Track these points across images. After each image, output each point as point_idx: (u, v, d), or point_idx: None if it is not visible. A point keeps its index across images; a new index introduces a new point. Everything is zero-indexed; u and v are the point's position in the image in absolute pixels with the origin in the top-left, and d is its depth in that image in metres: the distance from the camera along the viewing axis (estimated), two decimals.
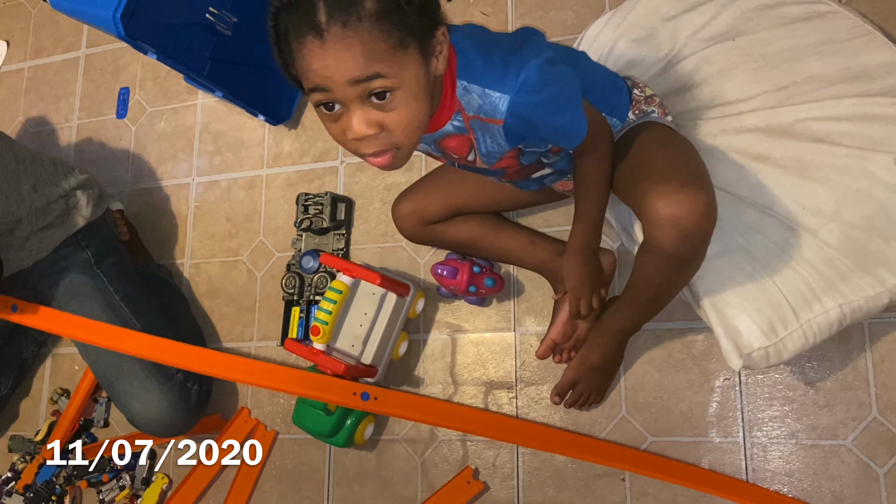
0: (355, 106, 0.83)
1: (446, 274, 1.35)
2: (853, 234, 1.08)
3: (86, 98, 1.94)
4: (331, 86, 0.82)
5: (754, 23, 1.25)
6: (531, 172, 1.16)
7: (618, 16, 1.36)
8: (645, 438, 1.30)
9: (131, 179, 1.82)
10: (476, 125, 0.97)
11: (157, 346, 1.39)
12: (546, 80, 0.91)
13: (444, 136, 1.00)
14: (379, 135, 0.85)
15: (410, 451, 1.43)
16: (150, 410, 1.43)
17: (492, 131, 0.96)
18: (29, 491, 1.58)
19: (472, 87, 0.92)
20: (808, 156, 1.12)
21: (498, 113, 0.92)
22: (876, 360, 1.21)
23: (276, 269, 1.62)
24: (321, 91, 0.84)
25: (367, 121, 0.84)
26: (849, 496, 1.18)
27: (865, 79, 1.15)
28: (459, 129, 0.98)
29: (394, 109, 0.84)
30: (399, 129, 0.85)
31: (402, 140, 0.87)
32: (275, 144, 1.71)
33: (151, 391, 1.43)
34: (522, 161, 1.09)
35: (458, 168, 1.18)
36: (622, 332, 1.24)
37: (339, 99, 0.83)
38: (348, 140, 0.87)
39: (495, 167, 1.08)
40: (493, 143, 0.99)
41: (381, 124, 0.84)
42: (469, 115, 0.95)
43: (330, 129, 0.89)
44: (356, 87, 0.82)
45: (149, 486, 1.57)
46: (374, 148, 0.87)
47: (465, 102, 0.94)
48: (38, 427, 1.70)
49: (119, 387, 1.45)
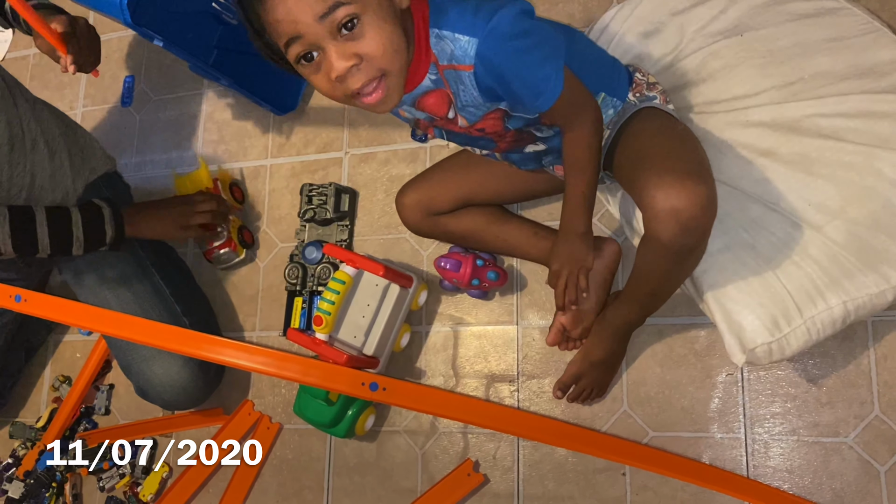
0: (329, 44, 0.86)
1: (449, 267, 1.34)
2: (858, 231, 1.08)
3: (91, 86, 1.94)
4: (300, 29, 0.85)
5: (762, 18, 1.24)
6: (523, 144, 1.15)
7: (625, 9, 1.36)
8: (646, 433, 1.29)
9: (135, 167, 1.82)
10: (451, 76, 0.97)
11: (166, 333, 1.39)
12: (518, 30, 0.91)
13: (423, 92, 1.00)
14: (360, 65, 0.87)
15: (411, 443, 1.43)
16: (171, 375, 1.43)
17: (465, 81, 0.96)
18: (30, 477, 1.58)
19: (443, 32, 0.93)
20: (814, 152, 1.12)
21: (467, 58, 0.93)
22: (879, 357, 1.20)
23: (279, 259, 1.62)
24: (295, 40, 0.86)
25: (344, 53, 0.86)
26: (849, 494, 1.18)
27: (873, 75, 1.15)
28: (436, 83, 0.98)
29: (364, 35, 0.86)
30: (377, 52, 0.87)
31: (384, 64, 0.88)
32: (279, 134, 1.70)
33: (175, 356, 1.42)
34: (508, 125, 1.07)
35: (448, 140, 1.17)
36: (625, 326, 1.23)
37: (312, 41, 0.86)
38: (335, 84, 0.89)
39: (479, 127, 1.06)
40: (467, 95, 0.99)
41: (357, 54, 0.87)
42: (443, 64, 0.95)
43: (317, 82, 0.91)
44: (323, 23, 0.84)
45: (149, 474, 1.58)
46: (361, 80, 0.88)
47: (438, 52, 0.95)
48: (40, 414, 1.70)
49: (142, 351, 1.43)
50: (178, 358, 1.42)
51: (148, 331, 1.41)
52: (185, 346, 1.40)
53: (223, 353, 1.39)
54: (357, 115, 1.64)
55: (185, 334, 1.41)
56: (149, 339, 1.41)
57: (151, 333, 1.41)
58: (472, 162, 1.30)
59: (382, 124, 1.61)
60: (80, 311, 1.43)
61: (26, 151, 1.35)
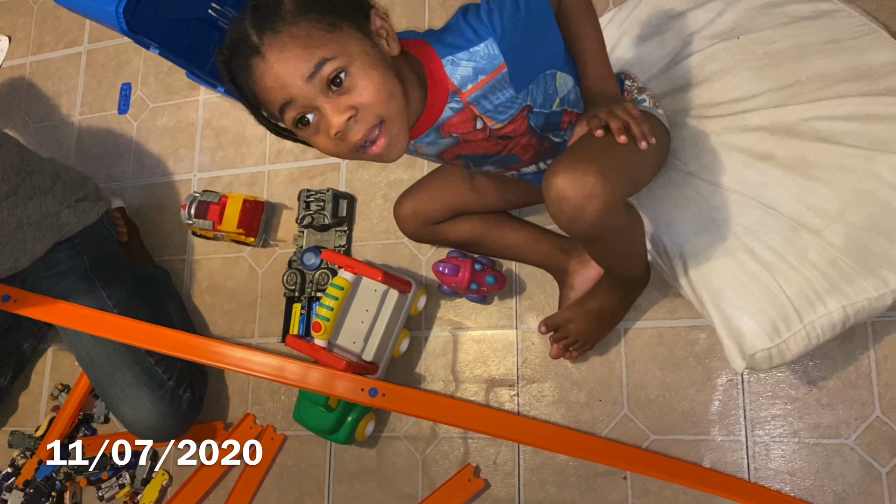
0: (323, 102, 0.87)
1: (448, 272, 1.34)
2: (857, 234, 1.07)
3: (87, 93, 1.93)
4: (291, 93, 0.87)
5: (759, 21, 1.24)
6: (541, 154, 1.14)
7: (622, 12, 1.36)
8: (647, 436, 1.29)
9: (133, 175, 1.82)
10: (477, 98, 0.97)
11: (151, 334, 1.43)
12: (501, 2, 0.93)
13: (445, 121, 1.00)
14: (357, 116, 0.88)
15: (411, 449, 1.43)
16: (141, 417, 1.45)
17: (498, 84, 0.96)
18: (29, 486, 1.58)
19: (457, 58, 0.94)
20: (812, 155, 1.12)
21: (496, 59, 0.93)
22: (879, 358, 1.20)
23: (277, 265, 1.62)
24: (288, 105, 0.88)
25: (338, 108, 0.87)
26: (851, 495, 1.18)
27: (870, 78, 1.14)
28: (457, 109, 0.99)
29: (356, 86, 0.87)
30: (370, 100, 0.87)
31: (380, 110, 0.88)
32: (276, 140, 1.70)
33: (142, 398, 1.44)
34: (531, 123, 1.05)
35: (474, 167, 1.16)
36: (621, 284, 1.21)
37: (305, 102, 0.87)
38: (336, 142, 0.89)
39: (506, 131, 1.05)
40: (499, 96, 0.98)
41: (352, 105, 0.87)
42: (467, 91, 0.96)
43: (319, 143, 0.91)
44: (313, 83, 0.86)
45: (148, 484, 1.57)
46: (361, 132, 0.89)
47: (459, 79, 0.95)
48: (39, 423, 1.70)
49: (111, 393, 1.46)
50: (145, 399, 1.44)
51: (145, 335, 1.42)
52: (183, 350, 1.41)
53: (223, 356, 1.41)
54: None
55: (185, 339, 1.43)
56: (147, 342, 1.42)
57: (149, 337, 1.42)
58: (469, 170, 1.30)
59: None
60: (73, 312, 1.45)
61: (10, 245, 1.39)
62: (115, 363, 1.45)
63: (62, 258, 1.49)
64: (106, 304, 1.48)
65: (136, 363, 1.45)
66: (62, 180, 1.49)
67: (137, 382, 1.44)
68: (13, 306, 1.48)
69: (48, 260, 1.48)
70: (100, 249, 1.54)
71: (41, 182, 1.44)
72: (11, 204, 1.36)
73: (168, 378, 1.46)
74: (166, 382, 1.46)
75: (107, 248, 1.57)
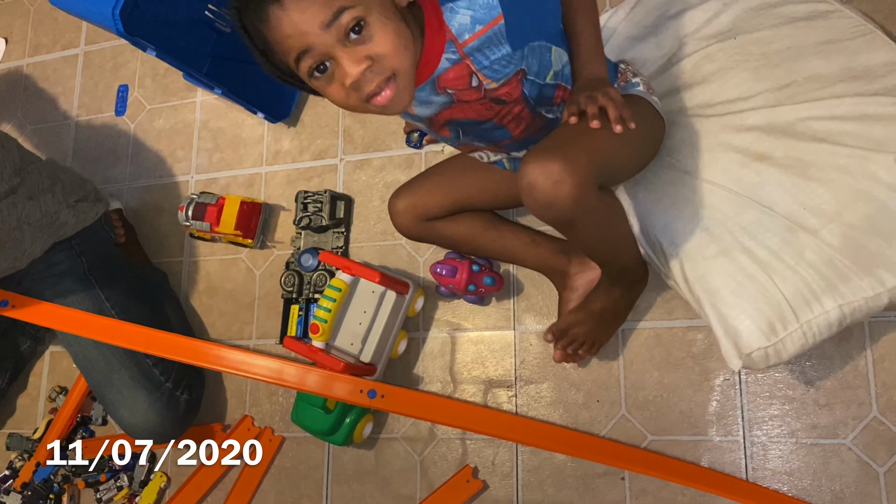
0: (340, 51, 0.87)
1: (445, 273, 1.34)
2: (854, 234, 1.07)
3: (84, 95, 1.93)
4: (309, 41, 0.86)
5: (756, 21, 1.24)
6: (535, 131, 1.13)
7: (619, 12, 1.36)
8: (645, 437, 1.29)
9: (130, 177, 1.82)
10: (473, 49, 0.97)
11: (150, 338, 1.43)
12: None
13: (442, 73, 1.00)
14: (373, 67, 0.88)
15: (409, 450, 1.43)
16: (138, 419, 1.44)
17: (495, 38, 0.96)
18: (27, 489, 1.57)
19: (456, 5, 0.94)
20: (809, 155, 1.12)
21: (494, 10, 0.93)
22: (876, 358, 1.21)
23: (275, 266, 1.62)
24: (305, 53, 0.87)
25: (356, 58, 0.87)
26: (848, 495, 1.18)
27: (867, 78, 1.15)
28: (454, 61, 0.98)
29: (373, 36, 0.87)
30: (387, 51, 0.88)
31: (394, 62, 0.89)
32: (274, 142, 1.70)
33: (139, 400, 1.44)
34: (525, 90, 1.05)
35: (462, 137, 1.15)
36: (619, 279, 1.21)
37: (323, 51, 0.87)
38: (349, 92, 0.90)
39: (500, 93, 1.04)
40: (494, 51, 0.97)
41: (369, 56, 0.88)
42: (464, 41, 0.96)
43: (332, 93, 0.91)
44: (331, 31, 0.86)
45: (147, 486, 1.57)
46: (375, 82, 0.89)
47: (457, 27, 0.95)
48: (36, 425, 1.69)
49: (108, 395, 1.46)
50: (142, 402, 1.44)
51: (144, 339, 1.42)
52: (182, 354, 1.41)
53: (221, 359, 1.40)
54: (352, 121, 1.64)
55: (183, 342, 1.42)
56: (146, 346, 1.42)
57: (147, 340, 1.42)
58: (466, 167, 1.29)
59: (377, 130, 1.61)
60: (71, 317, 1.45)
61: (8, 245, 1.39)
62: (113, 365, 1.44)
63: (60, 259, 1.49)
64: (103, 305, 1.48)
65: (134, 364, 1.45)
66: (61, 181, 1.49)
67: (135, 384, 1.44)
68: (11, 311, 1.47)
69: (46, 260, 1.48)
70: (98, 251, 1.54)
71: (40, 182, 1.44)
72: (10, 203, 1.36)
73: (165, 380, 1.46)
74: (164, 384, 1.46)
75: (105, 249, 1.56)
